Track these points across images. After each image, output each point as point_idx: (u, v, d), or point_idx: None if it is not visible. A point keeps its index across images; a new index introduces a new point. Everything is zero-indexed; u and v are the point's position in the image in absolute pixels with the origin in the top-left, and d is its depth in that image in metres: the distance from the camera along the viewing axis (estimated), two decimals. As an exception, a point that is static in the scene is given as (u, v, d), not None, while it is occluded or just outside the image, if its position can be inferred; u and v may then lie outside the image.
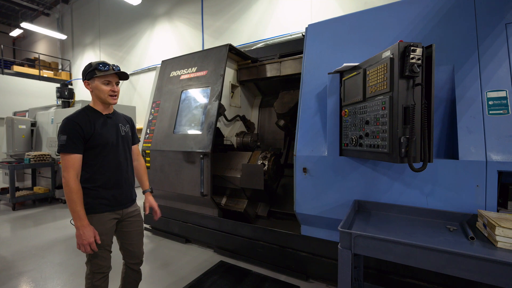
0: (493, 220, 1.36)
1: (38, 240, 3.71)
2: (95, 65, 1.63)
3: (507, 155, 1.66)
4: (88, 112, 1.68)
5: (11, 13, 14.23)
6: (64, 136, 1.54)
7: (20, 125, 6.14)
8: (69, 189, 1.52)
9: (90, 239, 1.54)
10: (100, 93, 1.67)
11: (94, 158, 1.65)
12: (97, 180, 1.66)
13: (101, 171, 1.67)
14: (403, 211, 1.86)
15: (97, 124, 1.66)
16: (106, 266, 1.73)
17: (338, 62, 2.18)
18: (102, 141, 1.66)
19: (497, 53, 1.79)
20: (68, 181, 1.52)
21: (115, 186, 1.73)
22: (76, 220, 1.53)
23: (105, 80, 1.65)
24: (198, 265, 2.94)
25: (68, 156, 1.55)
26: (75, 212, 1.53)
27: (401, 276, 2.10)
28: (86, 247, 1.55)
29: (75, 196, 1.53)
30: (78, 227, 1.53)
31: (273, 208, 3.56)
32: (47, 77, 12.25)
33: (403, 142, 1.49)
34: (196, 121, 3.33)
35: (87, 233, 1.54)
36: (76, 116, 1.61)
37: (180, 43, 9.10)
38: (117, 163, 1.74)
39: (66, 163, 1.55)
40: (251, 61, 3.88)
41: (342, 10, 6.10)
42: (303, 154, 2.38)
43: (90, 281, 1.69)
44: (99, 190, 1.66)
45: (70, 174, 1.53)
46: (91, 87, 1.67)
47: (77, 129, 1.57)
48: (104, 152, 1.67)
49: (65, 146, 1.54)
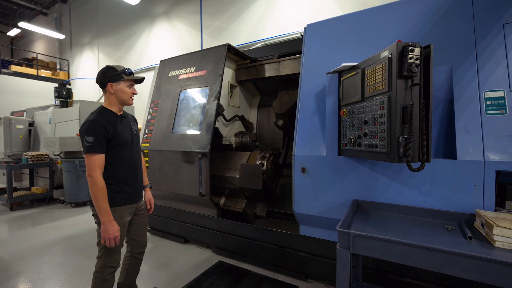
0: (491, 220, 1.36)
1: (36, 240, 3.69)
2: (122, 70, 1.79)
3: (505, 155, 1.66)
4: (107, 114, 1.79)
5: (8, 13, 14.16)
6: (91, 137, 1.64)
7: (17, 125, 6.12)
8: (96, 187, 1.63)
9: (116, 233, 1.66)
10: (124, 95, 1.82)
11: (114, 156, 1.77)
12: (118, 176, 1.79)
13: (121, 168, 1.81)
14: (402, 211, 1.87)
15: (116, 125, 1.79)
16: (118, 260, 1.84)
17: (337, 62, 2.17)
18: (121, 141, 1.79)
19: (494, 53, 1.79)
20: (95, 180, 1.63)
21: (132, 181, 1.88)
22: (103, 216, 1.64)
23: (129, 84, 1.83)
24: (197, 265, 2.94)
25: (95, 156, 1.65)
26: (101, 209, 1.64)
27: (399, 276, 2.10)
28: (111, 241, 1.66)
29: (102, 194, 1.64)
30: (105, 222, 1.64)
31: (272, 208, 3.56)
32: (45, 76, 12.19)
33: (401, 142, 1.50)
34: (194, 121, 3.33)
35: (113, 227, 1.65)
36: (100, 118, 1.72)
37: (179, 43, 9.08)
38: (132, 160, 1.89)
39: (93, 163, 1.65)
40: (250, 61, 3.88)
41: (341, 10, 6.10)
42: (301, 154, 2.38)
43: (100, 275, 1.77)
44: (120, 185, 1.80)
45: (97, 173, 1.65)
46: (114, 89, 1.79)
47: (102, 131, 1.68)
48: (122, 150, 1.81)
49: (92, 147, 1.64)
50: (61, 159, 5.32)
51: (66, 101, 6.12)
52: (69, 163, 5.13)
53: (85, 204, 5.45)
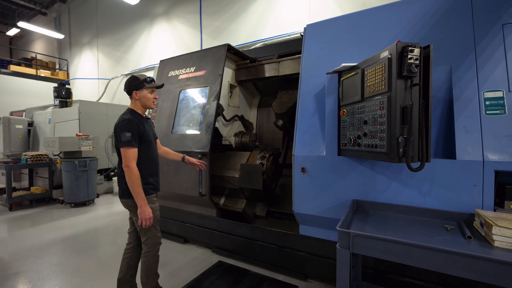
0: (490, 220, 1.37)
1: (35, 240, 3.68)
2: (144, 79, 2.08)
3: (504, 154, 1.67)
4: (136, 115, 2.07)
5: (7, 12, 14.12)
6: (129, 133, 1.92)
7: (17, 125, 6.11)
8: (134, 175, 1.90)
9: (150, 214, 1.95)
10: (146, 100, 2.10)
11: (142, 151, 2.03)
12: (145, 169, 2.05)
13: (147, 162, 2.08)
14: (401, 211, 1.87)
15: (145, 125, 2.08)
16: (161, 236, 2.16)
17: (337, 62, 2.18)
18: (148, 138, 2.08)
19: (494, 54, 1.80)
20: (132, 169, 1.90)
21: (155, 174, 2.17)
22: (139, 200, 1.92)
23: (151, 90, 2.11)
24: (197, 265, 2.94)
25: (132, 150, 1.93)
26: (138, 194, 1.91)
27: (399, 276, 2.11)
28: (147, 221, 1.94)
29: (138, 181, 1.91)
30: (141, 206, 1.92)
31: (272, 208, 3.56)
32: (44, 76, 12.16)
33: (401, 142, 1.50)
34: (194, 121, 3.33)
35: (148, 209, 1.94)
36: (134, 118, 2.01)
37: (179, 42, 9.07)
38: (155, 155, 2.19)
39: (130, 155, 1.92)
40: (249, 61, 3.88)
41: (341, 11, 6.11)
42: (301, 154, 2.38)
43: (151, 253, 2.08)
44: (147, 178, 2.07)
45: (133, 164, 1.92)
46: (139, 96, 2.08)
47: (137, 128, 1.97)
48: (148, 147, 2.09)
49: (130, 142, 1.92)
50: (61, 159, 5.32)
51: (66, 101, 6.11)
52: (69, 163, 5.13)
53: (84, 204, 5.45)
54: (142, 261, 2.10)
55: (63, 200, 5.52)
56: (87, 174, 5.31)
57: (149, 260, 2.09)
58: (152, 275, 2.12)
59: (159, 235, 2.15)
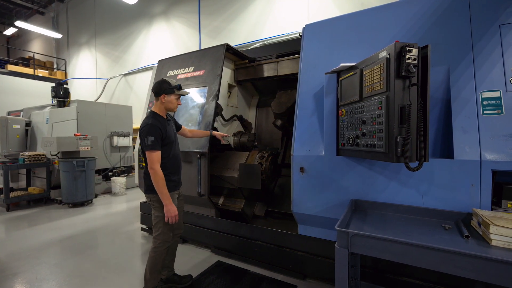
0: (488, 219, 1.37)
1: (33, 241, 3.67)
2: (175, 85, 2.20)
3: (501, 154, 1.68)
4: (159, 118, 2.17)
5: (5, 12, 14.04)
6: (152, 138, 2.03)
7: (14, 124, 6.08)
8: (159, 177, 2.03)
9: (176, 212, 2.11)
10: (171, 105, 2.23)
11: (165, 152, 2.17)
12: (168, 168, 2.19)
13: (170, 162, 2.21)
14: (399, 210, 1.88)
15: (167, 128, 2.19)
16: (171, 236, 2.26)
17: (335, 62, 2.19)
18: (170, 140, 2.20)
19: (491, 54, 1.81)
20: (157, 171, 2.03)
21: (177, 172, 2.33)
22: (165, 199, 2.06)
23: (178, 96, 2.26)
24: (196, 265, 2.94)
25: (155, 153, 2.05)
26: (164, 194, 2.05)
27: (397, 275, 2.11)
28: (173, 219, 2.09)
29: (163, 182, 2.04)
30: (167, 204, 2.06)
31: (271, 208, 3.56)
32: (42, 76, 12.11)
33: (399, 141, 1.51)
34: (193, 120, 3.32)
35: (173, 208, 2.09)
36: (156, 122, 2.10)
37: (177, 42, 9.06)
38: (177, 155, 2.32)
39: (154, 158, 2.04)
40: (248, 61, 3.88)
41: (339, 11, 6.12)
42: (300, 154, 2.39)
43: (159, 250, 2.16)
44: (170, 176, 2.20)
45: (157, 166, 2.04)
46: (166, 100, 2.19)
47: (159, 132, 2.08)
48: (170, 148, 2.22)
49: (153, 145, 2.03)
50: (58, 159, 5.29)
51: (64, 101, 6.09)
52: (67, 163, 5.11)
53: (83, 205, 5.43)
54: (150, 256, 2.17)
55: (61, 200, 5.50)
56: (85, 174, 5.29)
57: (156, 255, 2.17)
58: (155, 272, 2.19)
59: (171, 234, 2.24)
